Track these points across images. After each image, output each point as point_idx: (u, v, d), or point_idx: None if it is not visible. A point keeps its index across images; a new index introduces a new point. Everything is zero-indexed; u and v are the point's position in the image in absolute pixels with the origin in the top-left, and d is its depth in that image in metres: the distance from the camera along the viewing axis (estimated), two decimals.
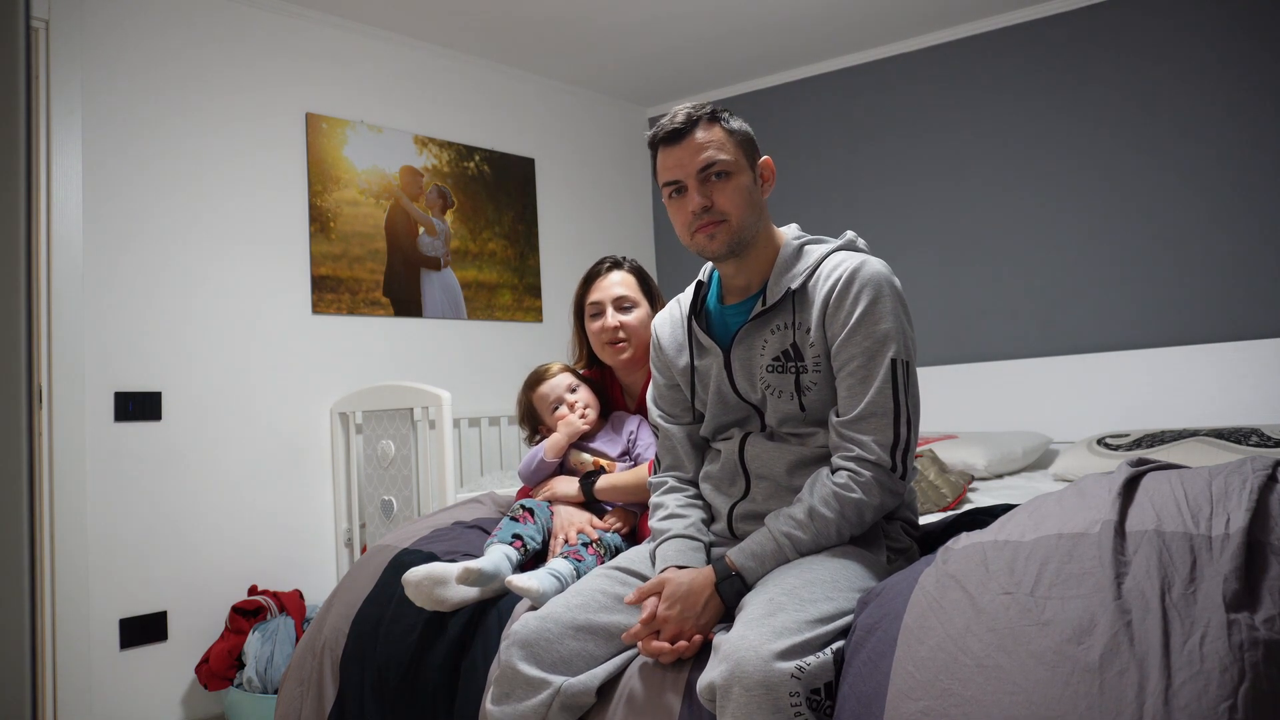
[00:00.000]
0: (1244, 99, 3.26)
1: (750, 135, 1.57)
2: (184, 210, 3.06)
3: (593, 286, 2.12)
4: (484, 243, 3.97)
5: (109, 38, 2.92)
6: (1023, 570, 1.18)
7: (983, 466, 3.05)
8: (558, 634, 1.43)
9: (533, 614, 1.48)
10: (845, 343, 1.45)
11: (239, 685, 2.80)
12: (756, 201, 1.55)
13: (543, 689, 1.38)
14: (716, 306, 1.64)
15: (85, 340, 2.80)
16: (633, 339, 2.02)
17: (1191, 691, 0.98)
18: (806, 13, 3.67)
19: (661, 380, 1.70)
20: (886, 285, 1.47)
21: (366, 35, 3.60)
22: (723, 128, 1.53)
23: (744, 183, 1.53)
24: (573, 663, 1.42)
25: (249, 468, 3.15)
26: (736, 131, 1.54)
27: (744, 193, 1.52)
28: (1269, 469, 1.25)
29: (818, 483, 1.45)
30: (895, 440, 1.43)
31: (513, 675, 1.41)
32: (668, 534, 1.56)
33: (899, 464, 1.44)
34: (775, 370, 1.52)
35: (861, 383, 1.44)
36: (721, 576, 1.41)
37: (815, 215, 4.07)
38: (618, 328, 2.02)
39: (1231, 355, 3.20)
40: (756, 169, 1.57)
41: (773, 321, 1.53)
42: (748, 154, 1.55)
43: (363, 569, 2.02)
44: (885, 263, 1.51)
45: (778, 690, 1.16)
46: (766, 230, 1.58)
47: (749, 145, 1.56)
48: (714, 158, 1.50)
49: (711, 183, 1.51)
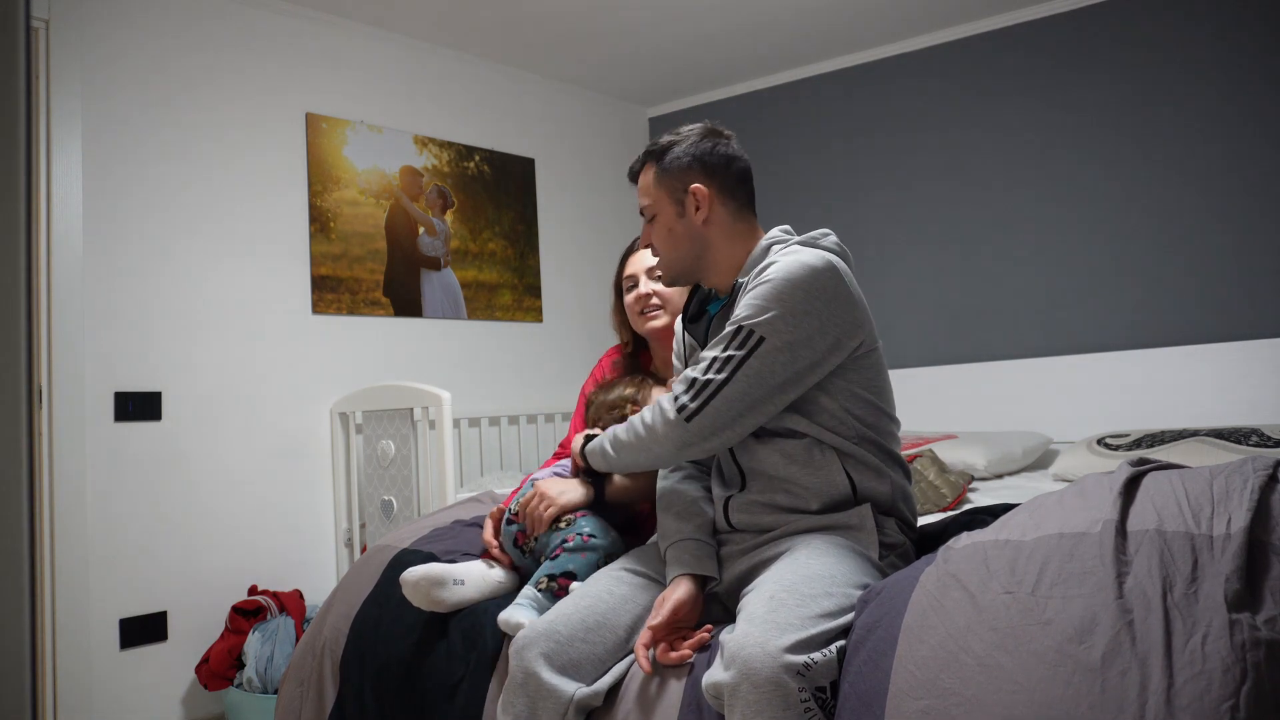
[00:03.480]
0: (1244, 99, 3.26)
1: (676, 167, 1.60)
2: (184, 210, 3.06)
3: (627, 262, 2.13)
4: (484, 243, 3.97)
5: (109, 38, 2.92)
6: (1024, 570, 1.17)
7: (983, 466, 3.05)
8: (568, 636, 1.42)
9: (540, 618, 1.47)
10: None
11: (239, 685, 2.80)
12: (685, 233, 1.61)
13: (559, 696, 1.37)
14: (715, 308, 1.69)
15: (85, 340, 2.80)
16: (667, 306, 2.02)
17: (1193, 691, 0.98)
18: (806, 13, 3.67)
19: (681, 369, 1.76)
20: (799, 273, 1.46)
21: (366, 35, 3.60)
22: (655, 168, 1.63)
23: (664, 222, 1.62)
24: (582, 666, 1.42)
25: (249, 468, 3.15)
26: (666, 167, 1.61)
27: (664, 231, 1.63)
28: (1270, 469, 1.25)
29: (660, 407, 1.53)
30: (694, 381, 1.47)
31: (525, 680, 1.39)
32: (681, 536, 1.56)
33: (688, 404, 1.46)
34: None
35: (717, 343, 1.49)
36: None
37: (815, 215, 4.08)
38: (650, 294, 2.03)
39: (1231, 355, 3.20)
40: (685, 200, 1.60)
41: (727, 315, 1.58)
42: (670, 190, 1.61)
43: (363, 569, 2.02)
44: (828, 256, 1.49)
45: (787, 686, 1.16)
46: (723, 245, 1.61)
47: (672, 179, 1.60)
48: (641, 204, 1.66)
49: (649, 224, 1.66)
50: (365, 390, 3.27)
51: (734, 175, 1.62)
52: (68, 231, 2.78)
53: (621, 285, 2.14)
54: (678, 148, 1.62)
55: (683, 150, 1.61)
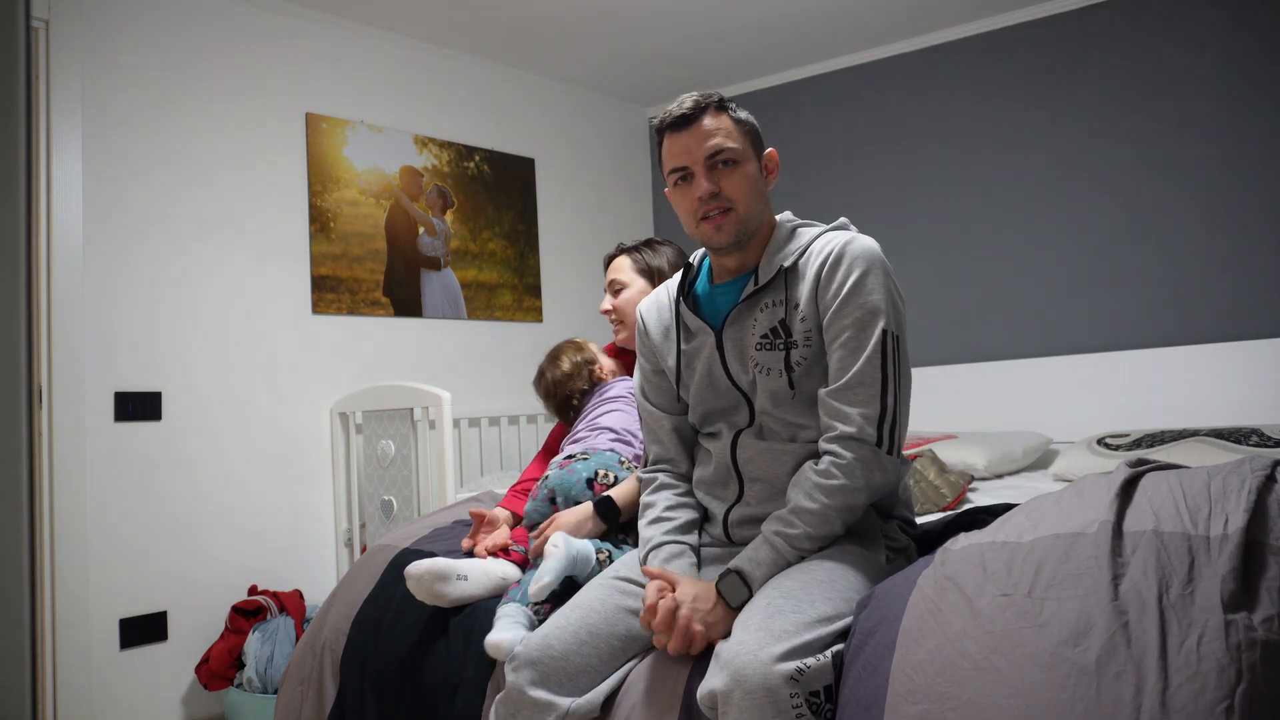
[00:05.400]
0: (1242, 99, 3.26)
1: (756, 126, 1.58)
2: (184, 210, 3.06)
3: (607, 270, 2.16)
4: (484, 243, 3.97)
5: (109, 38, 2.92)
6: (1020, 571, 1.17)
7: (983, 466, 3.05)
8: (562, 650, 1.41)
9: (534, 634, 1.46)
10: (836, 315, 1.46)
11: (239, 685, 2.81)
12: (762, 192, 1.55)
13: (550, 712, 1.37)
14: (706, 288, 1.63)
15: (85, 340, 2.80)
16: (625, 319, 2.07)
17: (1188, 693, 0.98)
18: (806, 13, 3.67)
19: (648, 366, 1.69)
20: (877, 259, 1.48)
21: (366, 35, 3.60)
22: (730, 116, 1.53)
23: (750, 171, 1.53)
24: (577, 679, 1.41)
25: (249, 468, 3.16)
26: (743, 121, 1.55)
27: (750, 181, 1.52)
28: (1268, 469, 1.24)
29: (801, 477, 1.44)
30: (882, 413, 1.42)
31: (518, 698, 1.39)
32: (651, 542, 1.55)
33: (885, 437, 1.42)
34: (764, 348, 1.51)
35: (852, 353, 1.44)
36: (721, 576, 1.39)
37: (815, 215, 4.07)
38: (609, 311, 2.09)
39: (1231, 355, 3.20)
40: (762, 160, 1.57)
41: (763, 300, 1.53)
42: (754, 144, 1.56)
43: (363, 569, 2.02)
44: (875, 241, 1.52)
45: (778, 693, 1.16)
46: (768, 220, 1.59)
47: (755, 136, 1.57)
48: (722, 145, 1.50)
49: (719, 170, 1.50)
50: (365, 390, 3.27)
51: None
52: (68, 231, 2.78)
53: None
54: (740, 109, 1.57)
55: (746, 114, 1.57)
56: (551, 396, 2.15)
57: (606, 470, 1.88)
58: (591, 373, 2.14)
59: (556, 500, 1.87)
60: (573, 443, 2.03)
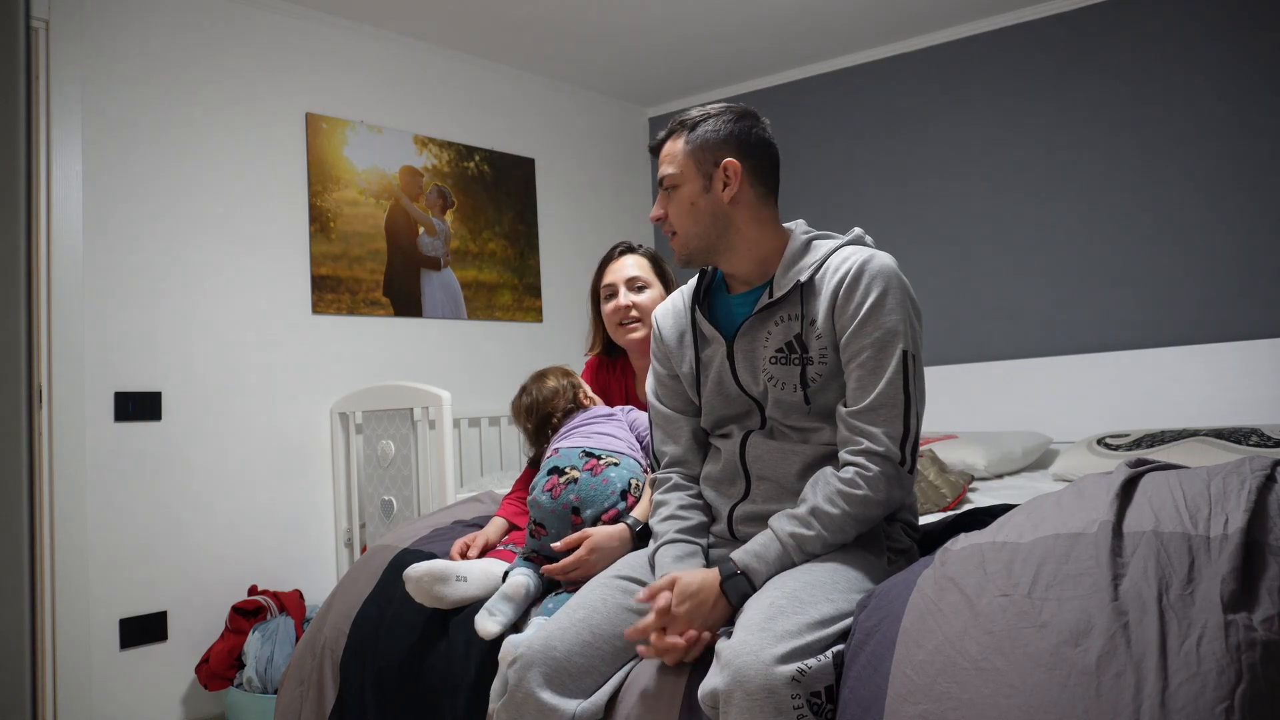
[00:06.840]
0: (1246, 99, 3.26)
1: (712, 140, 1.55)
2: (184, 210, 3.06)
3: (607, 270, 2.14)
4: (484, 243, 3.97)
5: (109, 38, 2.92)
6: (1020, 571, 1.17)
7: (983, 466, 3.05)
8: (565, 653, 1.41)
9: (536, 634, 1.46)
10: (855, 334, 1.46)
11: (239, 685, 2.81)
12: (708, 209, 1.54)
13: (560, 715, 1.36)
14: (724, 296, 1.63)
15: (85, 340, 2.80)
16: (645, 319, 2.04)
17: (1188, 693, 0.98)
18: (807, 12, 3.67)
19: (663, 371, 1.68)
20: (895, 279, 1.48)
21: (366, 35, 3.60)
22: (684, 139, 1.56)
23: (687, 194, 1.55)
24: (581, 680, 1.41)
25: (249, 468, 3.16)
26: (699, 138, 1.55)
27: (686, 204, 1.55)
28: (1267, 469, 1.24)
29: (821, 480, 1.44)
30: (905, 433, 1.43)
31: (524, 701, 1.38)
32: (663, 538, 1.55)
33: (907, 457, 1.44)
34: (779, 362, 1.51)
35: (872, 374, 1.44)
36: (726, 575, 1.40)
37: (815, 215, 4.05)
38: (630, 306, 2.05)
39: (1231, 355, 3.20)
40: (714, 174, 1.55)
41: (777, 313, 1.53)
42: (700, 162, 1.54)
43: (363, 569, 2.02)
44: (892, 257, 1.51)
45: (779, 694, 1.16)
46: (748, 228, 1.56)
47: (704, 151, 1.55)
48: (664, 172, 1.58)
49: (667, 195, 1.58)
50: (365, 390, 3.27)
51: (768, 160, 1.58)
52: (68, 231, 2.78)
53: (600, 293, 2.14)
54: (713, 121, 1.56)
55: (719, 125, 1.56)
56: (532, 414, 2.07)
57: (638, 481, 1.84)
58: (576, 395, 2.07)
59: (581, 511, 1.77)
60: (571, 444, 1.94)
